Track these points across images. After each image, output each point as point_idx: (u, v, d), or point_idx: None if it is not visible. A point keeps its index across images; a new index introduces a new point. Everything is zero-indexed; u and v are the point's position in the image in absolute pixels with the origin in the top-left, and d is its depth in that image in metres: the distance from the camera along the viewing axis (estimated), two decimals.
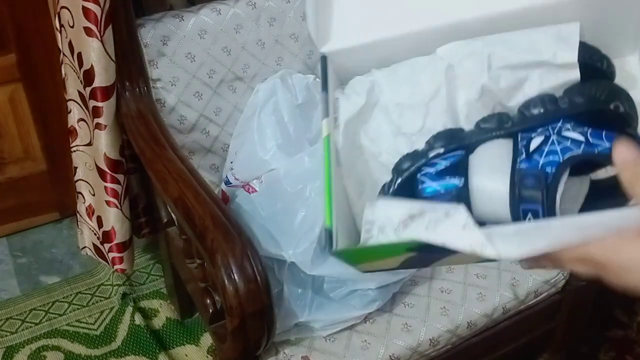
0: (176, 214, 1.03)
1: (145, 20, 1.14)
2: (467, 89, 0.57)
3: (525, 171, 0.51)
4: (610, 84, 0.54)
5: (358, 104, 0.59)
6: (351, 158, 0.58)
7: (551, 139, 0.52)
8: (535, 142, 0.52)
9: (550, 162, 0.51)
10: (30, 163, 1.65)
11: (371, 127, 0.60)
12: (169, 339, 1.47)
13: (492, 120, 0.55)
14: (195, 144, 1.22)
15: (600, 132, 0.51)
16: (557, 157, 0.51)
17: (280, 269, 1.05)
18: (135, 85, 1.13)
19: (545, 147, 0.52)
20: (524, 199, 0.51)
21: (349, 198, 0.58)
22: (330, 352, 1.02)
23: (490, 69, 0.56)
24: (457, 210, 0.47)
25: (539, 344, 1.32)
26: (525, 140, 0.53)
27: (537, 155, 0.52)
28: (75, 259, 1.65)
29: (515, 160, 0.52)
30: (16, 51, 1.48)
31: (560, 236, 0.45)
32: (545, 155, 0.51)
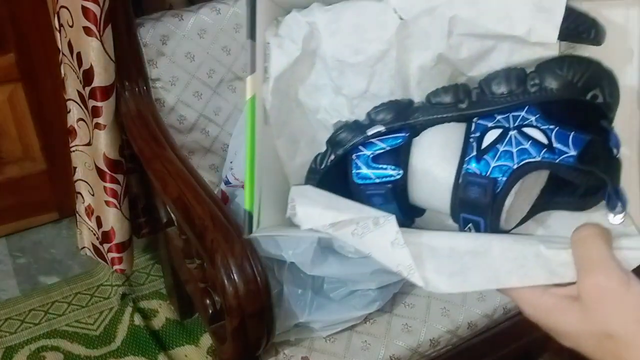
0: (176, 214, 1.03)
1: (145, 20, 1.13)
2: (421, 53, 0.48)
3: (471, 177, 0.45)
4: (591, 64, 0.45)
5: (292, 54, 0.50)
6: (283, 113, 0.51)
7: (509, 135, 0.45)
8: (490, 137, 0.45)
9: (502, 167, 0.44)
10: (29, 163, 1.65)
11: (308, 81, 0.52)
12: (169, 340, 1.46)
13: (447, 94, 0.47)
14: (195, 144, 1.22)
15: (568, 134, 0.44)
16: (511, 161, 0.44)
17: (280, 269, 1.05)
18: (135, 85, 1.12)
19: (500, 146, 0.45)
20: (465, 207, 0.45)
21: (281, 158, 0.52)
22: (330, 352, 1.02)
23: (451, 35, 0.47)
24: (387, 222, 0.43)
25: (539, 345, 1.31)
26: (480, 130, 0.46)
27: (489, 156, 0.45)
28: (74, 259, 1.65)
29: (464, 156, 0.46)
30: (15, 51, 1.48)
31: (497, 271, 0.42)
32: (498, 157, 0.44)
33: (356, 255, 1.04)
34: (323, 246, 1.04)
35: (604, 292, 0.39)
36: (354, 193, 0.49)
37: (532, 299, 0.42)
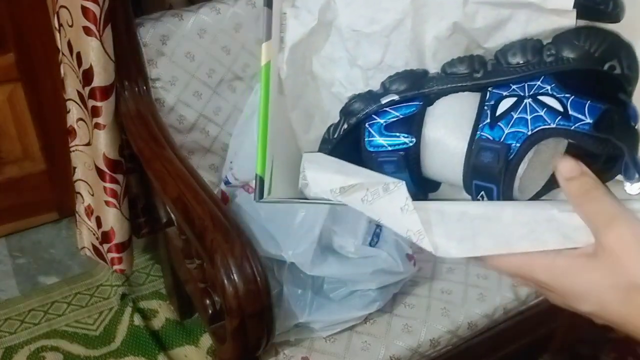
0: (175, 214, 1.03)
1: (145, 20, 1.13)
2: (437, 23, 0.48)
3: (484, 142, 0.44)
4: (609, 35, 0.44)
5: (308, 25, 0.50)
6: (298, 86, 0.52)
7: (524, 103, 0.44)
8: (504, 105, 0.45)
9: (515, 134, 0.43)
10: (29, 163, 1.65)
11: (324, 52, 0.52)
12: (169, 340, 1.46)
13: (463, 64, 0.47)
14: (195, 144, 1.22)
15: (584, 102, 0.43)
16: (525, 128, 0.43)
17: (280, 269, 1.05)
18: (135, 84, 1.12)
19: (515, 114, 0.44)
20: (478, 174, 0.45)
21: (294, 131, 0.52)
22: (330, 352, 1.02)
23: (467, 3, 0.47)
24: (397, 188, 0.43)
25: (540, 345, 1.31)
26: (494, 99, 0.46)
27: (503, 123, 0.44)
28: (74, 259, 1.65)
29: (477, 123, 0.45)
30: (15, 51, 1.47)
31: (508, 236, 0.41)
32: (512, 124, 0.44)
33: (356, 255, 1.04)
34: (323, 246, 1.04)
35: (630, 242, 0.38)
36: (366, 161, 0.49)
37: (545, 263, 0.41)
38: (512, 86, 0.45)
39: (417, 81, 0.48)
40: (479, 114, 0.45)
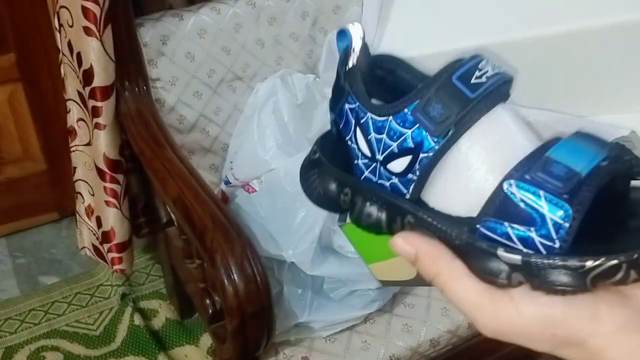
0: (175, 214, 1.03)
1: (145, 20, 1.13)
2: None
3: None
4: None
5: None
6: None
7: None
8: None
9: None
10: (29, 163, 1.65)
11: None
12: (169, 340, 1.46)
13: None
14: (195, 144, 1.22)
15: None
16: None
17: (280, 269, 1.05)
18: (135, 85, 1.12)
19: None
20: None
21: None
22: (330, 352, 1.02)
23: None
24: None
25: None
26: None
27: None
28: (74, 259, 1.65)
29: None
30: (15, 51, 1.48)
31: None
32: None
33: (356, 255, 1.04)
34: (323, 246, 1.04)
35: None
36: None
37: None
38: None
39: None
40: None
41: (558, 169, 0.34)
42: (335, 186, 0.41)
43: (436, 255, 0.36)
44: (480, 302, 0.35)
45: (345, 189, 0.40)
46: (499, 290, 0.35)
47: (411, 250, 0.37)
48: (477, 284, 0.35)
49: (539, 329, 0.34)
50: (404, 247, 0.38)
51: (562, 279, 0.33)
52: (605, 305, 0.34)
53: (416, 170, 0.37)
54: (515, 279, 0.34)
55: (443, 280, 0.36)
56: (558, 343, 0.35)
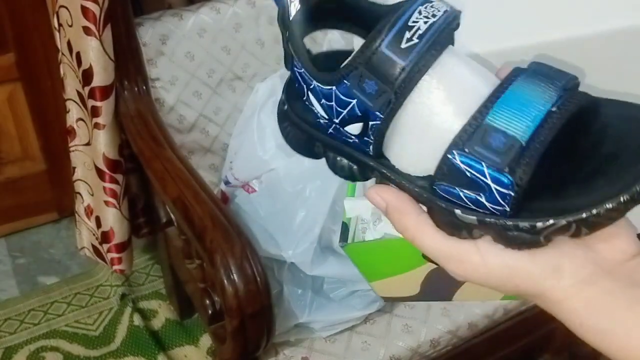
0: (175, 214, 1.03)
1: (144, 20, 1.13)
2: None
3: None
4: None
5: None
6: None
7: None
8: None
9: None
10: (28, 163, 1.65)
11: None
12: (168, 340, 1.46)
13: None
14: (195, 144, 1.22)
15: None
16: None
17: (279, 269, 1.05)
18: (134, 84, 1.12)
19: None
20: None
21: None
22: (330, 353, 1.02)
23: None
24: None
25: (540, 345, 1.31)
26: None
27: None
28: (73, 259, 1.65)
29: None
30: (15, 50, 1.47)
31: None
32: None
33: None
34: (323, 246, 1.04)
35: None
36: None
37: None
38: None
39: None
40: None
41: (496, 139, 0.33)
42: (307, 139, 0.41)
43: (404, 210, 0.38)
44: (448, 252, 0.37)
45: (317, 142, 0.41)
46: (465, 242, 0.36)
47: (382, 203, 0.39)
48: (442, 236, 0.37)
49: (503, 279, 0.36)
50: (375, 199, 0.39)
51: (517, 237, 0.34)
52: (568, 261, 0.35)
53: (370, 135, 0.37)
54: (476, 233, 0.35)
55: (412, 234, 0.38)
56: (520, 293, 0.36)
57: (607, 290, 0.34)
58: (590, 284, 0.34)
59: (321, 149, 0.41)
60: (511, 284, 0.36)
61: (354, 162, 0.39)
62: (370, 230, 0.48)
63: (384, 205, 0.39)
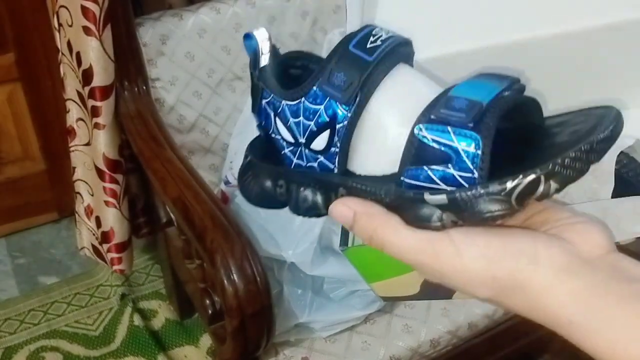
0: (175, 214, 1.03)
1: (144, 20, 1.13)
2: None
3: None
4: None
5: None
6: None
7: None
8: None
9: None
10: (28, 163, 1.65)
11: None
12: (168, 340, 1.46)
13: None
14: (195, 144, 1.22)
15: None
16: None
17: (280, 269, 1.05)
18: (134, 84, 1.12)
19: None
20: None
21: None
22: (330, 353, 1.02)
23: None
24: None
25: (540, 346, 1.31)
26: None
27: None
28: (73, 259, 1.65)
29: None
30: (15, 50, 1.47)
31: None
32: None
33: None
34: (323, 246, 1.03)
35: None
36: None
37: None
38: None
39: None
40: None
41: (459, 102, 0.35)
42: (270, 181, 0.42)
43: (372, 212, 0.37)
44: (420, 247, 0.35)
45: (280, 181, 0.41)
46: (437, 234, 0.35)
47: (349, 213, 0.38)
48: (414, 231, 0.36)
49: (479, 271, 0.34)
50: (341, 210, 0.38)
51: (489, 207, 0.33)
52: (543, 247, 0.34)
53: (337, 142, 0.38)
54: (447, 219, 0.35)
55: (381, 234, 0.37)
56: (499, 288, 0.34)
57: (592, 283, 0.33)
58: (571, 274, 0.33)
59: (284, 188, 0.41)
60: (488, 277, 0.34)
61: (318, 186, 0.40)
62: None
63: (351, 214, 0.38)
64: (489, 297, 0.35)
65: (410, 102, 0.38)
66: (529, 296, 0.34)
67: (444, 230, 0.35)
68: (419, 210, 0.35)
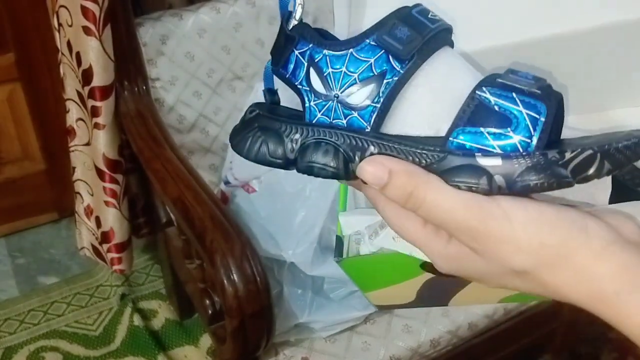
0: (175, 214, 1.03)
1: (144, 19, 1.13)
2: None
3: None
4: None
5: None
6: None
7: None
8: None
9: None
10: (28, 163, 1.65)
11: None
12: (168, 340, 1.46)
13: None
14: (195, 144, 1.22)
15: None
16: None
17: (279, 269, 1.05)
18: (134, 84, 1.12)
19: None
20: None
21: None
22: (330, 353, 1.02)
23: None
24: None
25: (540, 345, 1.31)
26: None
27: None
28: (73, 259, 1.64)
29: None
30: (14, 50, 1.47)
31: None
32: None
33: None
34: (323, 246, 1.03)
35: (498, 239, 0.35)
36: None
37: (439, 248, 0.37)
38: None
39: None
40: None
41: (524, 75, 0.36)
42: (280, 136, 0.40)
43: (412, 171, 0.35)
44: (467, 207, 0.34)
45: (295, 135, 0.39)
46: (485, 197, 0.34)
47: (382, 171, 0.35)
48: (459, 192, 0.34)
49: (527, 237, 0.33)
50: (374, 168, 0.35)
51: (542, 175, 0.33)
52: (593, 222, 0.34)
53: (379, 97, 0.37)
54: (495, 184, 0.34)
55: (423, 192, 0.34)
56: (545, 256, 0.33)
57: (638, 260, 0.32)
58: (619, 249, 0.33)
59: (298, 144, 0.39)
60: (536, 243, 0.33)
61: (342, 146, 0.38)
62: (365, 244, 0.48)
63: (385, 172, 0.35)
64: (527, 267, 0.34)
65: (460, 74, 0.38)
66: (575, 266, 0.33)
67: (491, 195, 0.34)
68: (465, 173, 0.34)
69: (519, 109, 0.34)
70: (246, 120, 0.43)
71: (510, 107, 0.35)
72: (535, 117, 0.34)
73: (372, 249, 0.47)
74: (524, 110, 0.34)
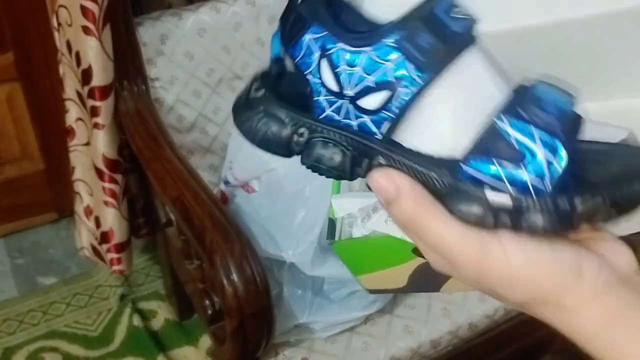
0: (175, 214, 1.02)
1: (144, 19, 1.13)
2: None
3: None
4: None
5: None
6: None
7: None
8: None
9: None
10: (27, 163, 1.64)
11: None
12: (168, 340, 1.46)
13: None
14: (194, 144, 1.22)
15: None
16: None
17: (279, 269, 1.05)
18: (134, 84, 1.12)
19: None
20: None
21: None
22: (330, 353, 1.02)
23: None
24: None
25: (540, 346, 1.31)
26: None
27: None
28: (73, 259, 1.64)
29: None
30: (13, 50, 1.47)
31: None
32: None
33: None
34: (323, 246, 1.03)
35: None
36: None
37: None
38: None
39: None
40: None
41: (549, 107, 0.33)
42: (288, 126, 0.37)
43: (419, 195, 0.34)
44: (467, 243, 0.33)
45: (302, 129, 0.37)
46: (485, 233, 0.34)
47: (392, 188, 0.34)
48: (462, 225, 0.33)
49: (524, 276, 0.34)
50: (385, 183, 0.35)
51: (549, 220, 0.33)
52: (586, 263, 0.34)
53: (393, 106, 0.34)
54: (501, 221, 0.33)
55: (425, 222, 0.34)
56: (538, 296, 0.34)
57: (625, 302, 0.33)
58: (609, 292, 0.33)
59: (304, 138, 0.37)
60: (531, 283, 0.34)
61: (352, 147, 0.36)
62: (357, 227, 0.48)
63: (394, 190, 0.34)
64: (521, 301, 0.35)
65: (482, 85, 0.35)
66: (565, 307, 0.34)
67: (493, 231, 0.33)
68: (470, 204, 0.33)
69: (535, 147, 0.33)
70: (251, 99, 0.39)
71: (527, 144, 0.33)
72: (552, 161, 0.33)
73: (365, 231, 0.47)
74: (541, 149, 0.33)
